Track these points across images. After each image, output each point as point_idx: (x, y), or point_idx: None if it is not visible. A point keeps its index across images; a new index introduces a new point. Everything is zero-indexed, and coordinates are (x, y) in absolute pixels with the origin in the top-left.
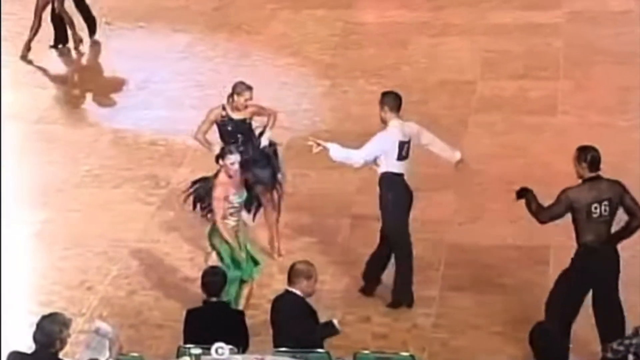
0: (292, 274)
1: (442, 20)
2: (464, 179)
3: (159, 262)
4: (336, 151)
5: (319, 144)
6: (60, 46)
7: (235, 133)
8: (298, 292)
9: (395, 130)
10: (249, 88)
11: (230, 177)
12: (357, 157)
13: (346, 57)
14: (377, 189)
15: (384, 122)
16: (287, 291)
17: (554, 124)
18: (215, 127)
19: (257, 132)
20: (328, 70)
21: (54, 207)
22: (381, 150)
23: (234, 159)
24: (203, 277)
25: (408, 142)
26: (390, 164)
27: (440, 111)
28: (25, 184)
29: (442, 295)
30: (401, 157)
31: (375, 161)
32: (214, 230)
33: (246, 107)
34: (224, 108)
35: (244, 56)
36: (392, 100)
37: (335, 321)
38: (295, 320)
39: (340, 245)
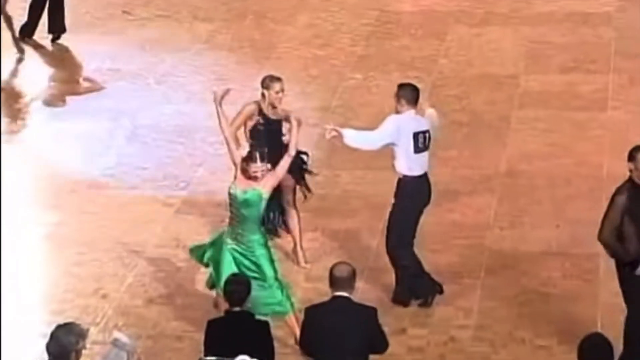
0: (345, 278)
1: (483, 9)
2: (505, 180)
3: (179, 269)
4: (351, 136)
5: (333, 129)
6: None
7: (267, 134)
8: (352, 298)
9: (409, 119)
10: (278, 79)
11: (249, 178)
12: (373, 137)
13: (380, 49)
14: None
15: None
16: (342, 297)
17: (604, 121)
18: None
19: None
20: (360, 63)
21: (66, 209)
22: (397, 129)
23: (256, 169)
24: (225, 285)
25: (424, 132)
26: (408, 157)
27: (481, 107)
28: (36, 184)
29: (481, 306)
30: (418, 148)
31: (392, 147)
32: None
33: (280, 100)
34: (259, 105)
35: (270, 48)
36: (409, 93)
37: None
38: (366, 328)
39: (374, 251)
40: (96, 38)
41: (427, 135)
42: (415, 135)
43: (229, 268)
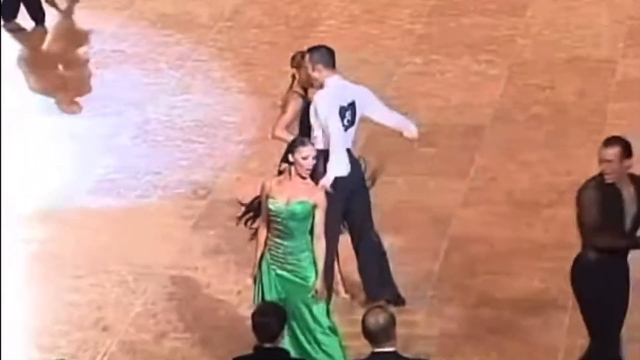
0: (382, 329)
1: None
2: None
3: (196, 296)
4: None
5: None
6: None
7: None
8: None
9: (334, 89)
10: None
11: (303, 177)
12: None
13: (445, 27)
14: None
15: (319, 85)
16: (385, 354)
17: None
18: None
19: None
20: (421, 44)
21: (59, 222)
22: (328, 116)
23: (307, 152)
24: (254, 316)
25: (351, 106)
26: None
27: (569, 97)
28: (23, 190)
29: (569, 344)
30: (343, 126)
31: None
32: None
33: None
34: (299, 93)
35: (310, 25)
36: (323, 56)
37: None
38: None
39: (437, 274)
40: (97, 13)
41: (353, 111)
42: (342, 110)
43: (275, 292)
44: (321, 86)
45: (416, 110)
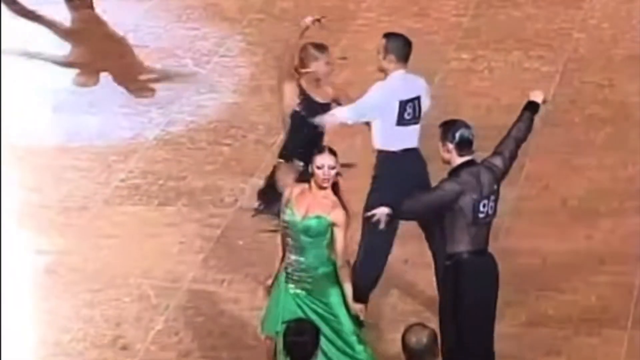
0: (425, 348)
1: None
2: None
3: (223, 312)
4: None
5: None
6: None
7: (307, 125)
8: None
9: (396, 82)
10: (323, 48)
11: (323, 188)
12: (341, 112)
13: (494, 20)
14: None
15: (384, 73)
16: None
17: None
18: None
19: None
20: (468, 38)
21: (75, 232)
22: (375, 105)
23: (321, 161)
24: (285, 335)
25: (414, 101)
26: (388, 131)
27: (631, 97)
28: (35, 199)
29: None
30: (403, 121)
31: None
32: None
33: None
34: (298, 83)
35: (347, 18)
36: (400, 47)
37: None
38: None
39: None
40: (118, 4)
41: (417, 105)
42: (403, 104)
43: (288, 313)
44: (385, 76)
45: (462, 110)
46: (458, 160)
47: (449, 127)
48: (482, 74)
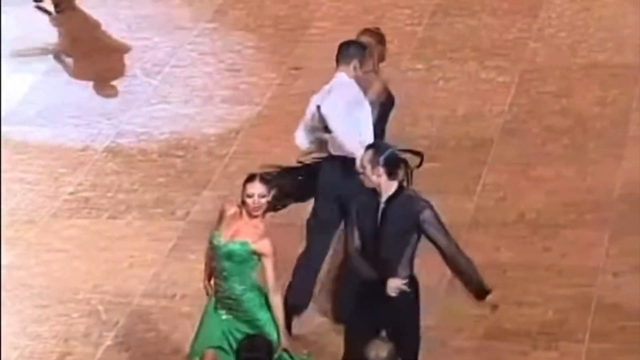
0: None
1: None
2: (622, 208)
3: (175, 327)
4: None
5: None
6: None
7: None
8: None
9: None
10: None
11: (253, 217)
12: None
13: (449, 29)
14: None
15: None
16: None
17: None
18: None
19: None
20: (423, 48)
21: (22, 246)
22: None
23: (252, 189)
24: (238, 352)
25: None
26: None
27: (589, 108)
28: None
29: None
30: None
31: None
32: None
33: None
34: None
35: (300, 27)
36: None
37: None
38: None
39: (442, 303)
40: (66, 12)
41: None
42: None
43: (214, 340)
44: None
45: (418, 121)
46: (389, 183)
47: (375, 151)
48: (437, 84)
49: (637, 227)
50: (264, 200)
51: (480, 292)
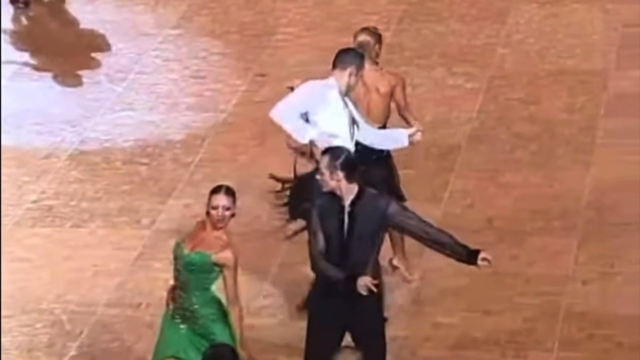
0: None
1: None
2: (590, 215)
3: (140, 337)
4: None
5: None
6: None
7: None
8: None
9: None
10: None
11: (217, 229)
12: None
13: (417, 35)
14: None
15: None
16: None
17: None
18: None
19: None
20: (390, 54)
21: None
22: None
23: (216, 201)
24: None
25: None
26: None
27: (556, 114)
28: None
29: None
30: None
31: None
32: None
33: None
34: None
35: (266, 34)
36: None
37: None
38: None
39: (409, 312)
40: (29, 17)
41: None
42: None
43: (171, 349)
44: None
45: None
46: (349, 187)
47: (332, 156)
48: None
49: (605, 234)
50: (228, 213)
51: (470, 256)
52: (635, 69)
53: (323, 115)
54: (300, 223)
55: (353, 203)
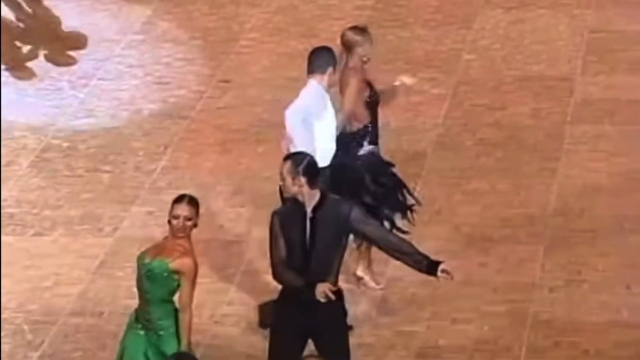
0: None
1: None
2: (557, 222)
3: (103, 346)
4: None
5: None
6: None
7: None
8: None
9: None
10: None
11: (177, 238)
12: None
13: (382, 41)
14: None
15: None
16: None
17: None
18: None
19: None
20: None
21: None
22: None
23: (178, 211)
24: None
25: None
26: None
27: (523, 120)
28: None
29: None
30: None
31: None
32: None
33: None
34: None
35: (230, 40)
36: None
37: None
38: None
39: (374, 320)
40: None
41: None
42: None
43: (131, 354)
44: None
45: None
46: (312, 192)
47: (294, 162)
48: None
49: (572, 241)
50: (189, 223)
51: (430, 267)
52: (602, 74)
53: (325, 119)
54: None
55: (315, 209)
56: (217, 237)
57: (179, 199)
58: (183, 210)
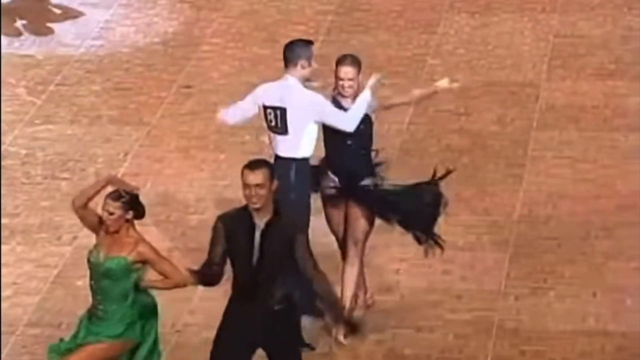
0: None
1: None
2: (522, 230)
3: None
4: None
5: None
6: None
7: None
8: None
9: (267, 85)
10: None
11: (111, 232)
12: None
13: (345, 46)
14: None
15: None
16: None
17: None
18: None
19: None
20: (319, 65)
21: None
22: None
23: (111, 208)
24: None
25: (276, 110)
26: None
27: (488, 127)
28: None
29: None
30: (269, 126)
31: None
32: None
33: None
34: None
35: (191, 44)
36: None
37: None
38: None
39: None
40: None
41: (278, 112)
42: (264, 109)
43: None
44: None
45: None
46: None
47: (271, 166)
48: None
49: (537, 249)
50: (112, 218)
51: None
52: (567, 80)
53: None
54: None
55: (267, 225)
56: (179, 245)
57: (110, 195)
58: (117, 208)
